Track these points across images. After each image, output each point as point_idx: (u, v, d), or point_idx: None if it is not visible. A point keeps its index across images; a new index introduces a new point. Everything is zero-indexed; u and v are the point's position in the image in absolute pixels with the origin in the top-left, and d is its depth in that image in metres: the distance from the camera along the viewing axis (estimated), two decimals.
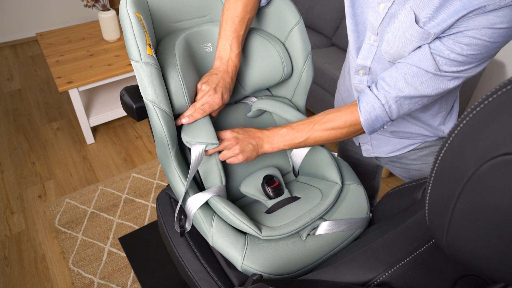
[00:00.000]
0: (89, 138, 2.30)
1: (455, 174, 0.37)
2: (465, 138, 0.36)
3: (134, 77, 2.55)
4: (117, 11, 3.60)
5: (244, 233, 0.83)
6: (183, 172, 0.86)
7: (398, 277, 0.54)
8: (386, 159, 1.07)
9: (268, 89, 1.10)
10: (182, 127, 0.93)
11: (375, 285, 0.54)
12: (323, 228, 0.85)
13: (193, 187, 0.87)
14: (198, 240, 0.89)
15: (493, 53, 0.67)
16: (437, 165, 0.41)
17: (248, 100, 1.04)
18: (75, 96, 2.10)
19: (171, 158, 0.84)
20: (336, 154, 1.03)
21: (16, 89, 2.84)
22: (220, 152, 0.88)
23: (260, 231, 0.79)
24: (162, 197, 1.02)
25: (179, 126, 0.96)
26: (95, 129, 2.43)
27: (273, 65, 0.96)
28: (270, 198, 0.92)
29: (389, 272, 0.54)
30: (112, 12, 2.32)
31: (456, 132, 0.38)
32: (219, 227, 0.81)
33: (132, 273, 1.60)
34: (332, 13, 2.49)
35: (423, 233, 0.58)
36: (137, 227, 1.80)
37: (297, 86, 1.02)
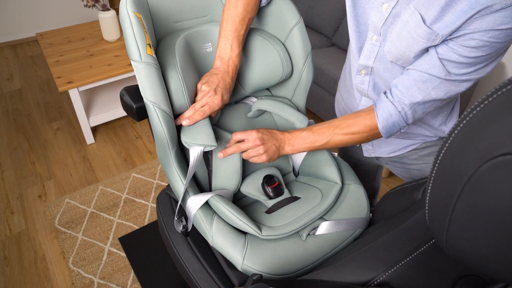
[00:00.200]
0: (89, 138, 2.30)
1: (455, 174, 0.37)
2: (465, 138, 0.36)
3: (134, 77, 2.55)
4: (117, 11, 3.60)
5: (244, 233, 0.83)
6: (183, 172, 0.86)
7: (398, 277, 0.54)
8: (387, 159, 1.07)
9: (268, 89, 1.10)
10: (181, 126, 0.93)
11: (375, 285, 0.54)
12: (323, 228, 0.85)
13: (193, 188, 0.87)
14: (198, 240, 0.89)
15: (502, 51, 0.67)
16: (437, 165, 0.41)
17: (248, 100, 1.04)
18: (75, 96, 2.10)
19: (171, 158, 0.84)
20: (336, 154, 1.03)
21: (16, 89, 2.84)
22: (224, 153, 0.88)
23: (260, 230, 0.79)
24: (162, 197, 1.02)
25: (179, 126, 0.96)
26: (95, 129, 2.43)
27: (273, 65, 0.96)
28: (270, 198, 0.92)
29: (389, 272, 0.54)
30: (112, 12, 2.32)
31: (456, 132, 0.38)
32: (219, 227, 0.81)
33: (132, 273, 1.60)
34: (332, 13, 2.49)
35: (423, 233, 0.58)
36: (137, 227, 1.80)
37: (297, 86, 1.02)
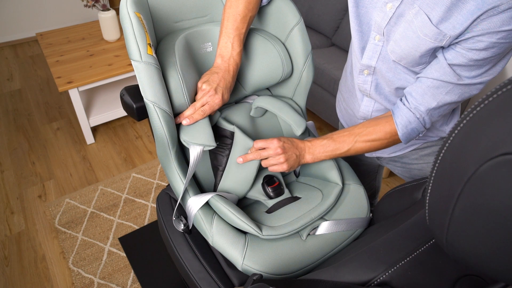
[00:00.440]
0: (89, 138, 2.30)
1: (455, 174, 0.37)
2: (465, 138, 0.36)
3: (134, 77, 2.55)
4: (117, 11, 3.60)
5: (244, 233, 0.83)
6: (183, 172, 0.86)
7: (398, 277, 0.54)
8: (387, 159, 1.07)
9: (268, 89, 1.10)
10: (181, 125, 0.93)
11: (375, 285, 0.54)
12: (323, 228, 0.85)
13: (193, 188, 0.87)
14: (198, 240, 0.89)
15: (510, 50, 0.67)
16: (437, 165, 0.41)
17: (250, 99, 1.04)
18: (75, 96, 2.10)
19: (171, 157, 0.84)
20: None
21: (16, 89, 2.84)
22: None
23: (261, 230, 0.79)
24: (162, 197, 1.02)
25: (179, 125, 0.96)
26: (95, 129, 2.43)
27: (273, 65, 0.96)
28: (271, 198, 0.92)
29: (389, 272, 0.54)
30: (112, 12, 2.32)
31: (456, 132, 0.38)
32: (219, 227, 0.81)
33: (132, 273, 1.60)
34: (332, 13, 2.49)
35: (423, 233, 0.58)
36: (137, 227, 1.80)
37: (297, 86, 1.02)
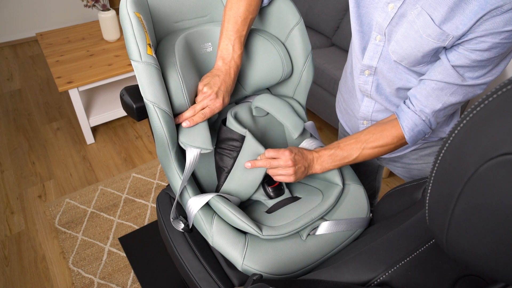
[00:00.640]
0: (89, 138, 2.30)
1: (455, 174, 0.37)
2: (465, 138, 0.36)
3: (134, 77, 2.55)
4: (117, 11, 3.60)
5: (244, 233, 0.83)
6: (183, 172, 0.86)
7: (398, 277, 0.54)
8: (388, 159, 1.07)
9: (268, 89, 1.10)
10: (180, 126, 0.93)
11: (375, 285, 0.54)
12: (323, 228, 0.85)
13: (193, 188, 0.87)
14: (198, 240, 0.89)
15: None
16: (437, 165, 0.41)
17: (251, 99, 1.04)
18: (75, 96, 2.10)
19: (171, 158, 0.84)
20: None
21: (16, 89, 2.84)
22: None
23: (261, 230, 0.79)
24: (162, 197, 1.02)
25: (179, 125, 0.96)
26: (95, 129, 2.43)
27: (274, 65, 0.96)
28: (271, 198, 0.92)
29: (389, 272, 0.54)
30: (112, 12, 2.32)
31: (456, 132, 0.38)
32: (219, 227, 0.81)
33: (132, 273, 1.60)
34: (332, 13, 2.49)
35: (423, 233, 0.58)
36: (137, 227, 1.80)
37: (297, 86, 1.02)
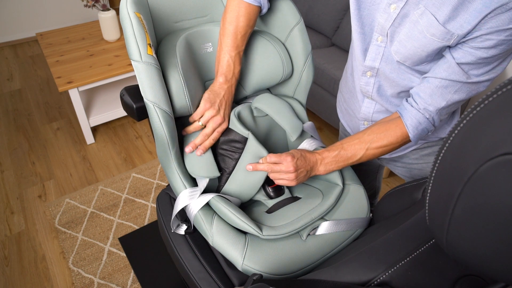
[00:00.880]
0: (89, 138, 2.30)
1: (455, 174, 0.37)
2: (465, 138, 0.36)
3: (134, 77, 2.55)
4: (117, 11, 3.60)
5: (245, 233, 0.83)
6: (183, 172, 0.86)
7: (398, 277, 0.54)
8: (388, 159, 1.07)
9: (268, 89, 1.10)
10: (181, 128, 0.94)
11: (375, 285, 0.54)
12: (324, 228, 0.85)
13: (192, 186, 0.87)
14: (198, 240, 0.89)
15: None
16: (437, 165, 0.41)
17: (251, 99, 1.04)
18: (75, 96, 2.10)
19: (171, 158, 0.84)
20: None
21: (16, 89, 2.84)
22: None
23: (261, 230, 0.79)
24: (162, 197, 1.02)
25: (179, 125, 0.96)
26: (95, 129, 2.43)
27: (274, 65, 0.96)
28: (271, 198, 0.92)
29: (389, 272, 0.54)
30: (112, 12, 2.32)
31: (456, 132, 0.38)
32: (219, 227, 0.81)
33: (132, 273, 1.60)
34: (332, 13, 2.49)
35: (423, 233, 0.58)
36: (137, 227, 1.80)
37: (297, 86, 1.02)
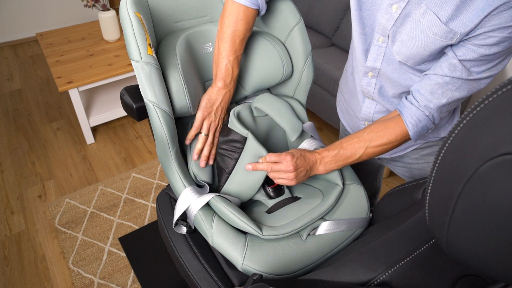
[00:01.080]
0: (89, 138, 2.30)
1: (455, 174, 0.37)
2: (465, 138, 0.36)
3: (134, 77, 2.55)
4: (117, 11, 3.60)
5: (245, 233, 0.83)
6: (183, 172, 0.86)
7: (398, 277, 0.54)
8: (388, 159, 1.07)
9: (268, 89, 1.10)
10: (183, 131, 0.94)
11: (375, 285, 0.54)
12: (324, 228, 0.85)
13: (193, 186, 0.87)
14: (198, 240, 0.89)
15: None
16: (437, 165, 0.41)
17: (251, 99, 1.04)
18: (75, 96, 2.10)
19: (171, 158, 0.84)
20: None
21: (16, 89, 2.84)
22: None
23: (261, 230, 0.79)
24: (162, 197, 1.02)
25: (179, 125, 0.96)
26: (95, 129, 2.43)
27: (274, 65, 0.96)
28: (271, 198, 0.92)
29: (389, 272, 0.54)
30: (112, 12, 2.32)
31: (456, 132, 0.38)
32: (219, 227, 0.81)
33: (132, 273, 1.60)
34: (332, 13, 2.49)
35: (423, 233, 0.58)
36: (137, 227, 1.80)
37: (297, 86, 1.02)
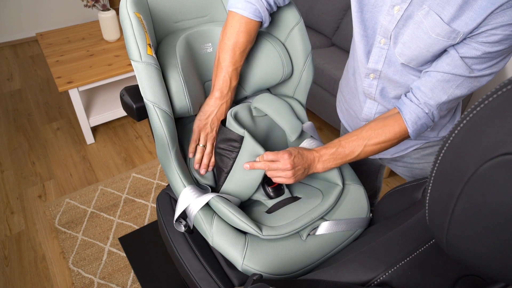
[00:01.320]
0: (89, 138, 2.30)
1: (455, 174, 0.37)
2: (465, 138, 0.36)
3: (134, 77, 2.55)
4: (117, 11, 3.60)
5: (244, 233, 0.83)
6: (183, 172, 0.86)
7: (398, 277, 0.54)
8: (389, 159, 1.07)
9: (268, 89, 1.10)
10: (183, 131, 0.94)
11: (375, 285, 0.54)
12: (323, 228, 0.85)
13: (193, 185, 0.87)
14: (198, 240, 0.89)
15: None
16: (437, 165, 0.41)
17: (251, 99, 1.04)
18: (75, 96, 2.10)
19: (171, 158, 0.84)
20: None
21: (16, 89, 2.84)
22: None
23: (261, 230, 0.79)
24: (162, 197, 1.02)
25: (179, 125, 0.96)
26: (95, 129, 2.43)
27: (274, 65, 0.96)
28: (271, 198, 0.92)
29: (389, 272, 0.54)
30: (112, 12, 2.32)
31: (456, 132, 0.38)
32: (219, 227, 0.81)
33: (132, 273, 1.60)
34: (332, 13, 2.49)
35: (423, 233, 0.58)
36: (137, 227, 1.80)
37: (297, 86, 1.02)
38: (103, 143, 2.33)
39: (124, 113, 2.41)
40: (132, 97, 0.86)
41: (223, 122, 0.94)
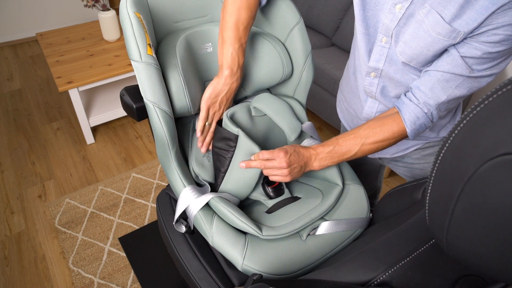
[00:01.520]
0: (89, 138, 2.30)
1: (455, 174, 0.37)
2: (465, 138, 0.36)
3: (134, 77, 2.55)
4: (117, 11, 3.60)
5: (244, 233, 0.83)
6: (183, 172, 0.86)
7: (398, 277, 0.54)
8: (389, 159, 1.07)
9: (268, 89, 1.10)
10: (183, 131, 0.94)
11: (375, 285, 0.54)
12: (323, 228, 0.85)
13: (193, 185, 0.87)
14: (198, 240, 0.89)
15: None
16: (437, 165, 0.41)
17: (251, 99, 1.04)
18: (75, 96, 2.10)
19: (171, 158, 0.84)
20: None
21: (16, 89, 2.84)
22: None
23: (261, 230, 0.79)
24: (162, 197, 1.02)
25: (179, 125, 0.96)
26: (95, 129, 2.43)
27: (274, 65, 0.96)
28: (271, 198, 0.92)
29: (389, 272, 0.54)
30: (112, 12, 2.32)
31: (456, 132, 0.38)
32: (219, 227, 0.81)
33: (132, 273, 1.60)
34: (332, 13, 2.49)
35: (423, 233, 0.58)
36: (137, 227, 1.80)
37: (297, 86, 1.02)
38: (103, 143, 2.33)
39: (124, 113, 2.41)
40: (132, 97, 0.86)
41: (220, 122, 0.94)
